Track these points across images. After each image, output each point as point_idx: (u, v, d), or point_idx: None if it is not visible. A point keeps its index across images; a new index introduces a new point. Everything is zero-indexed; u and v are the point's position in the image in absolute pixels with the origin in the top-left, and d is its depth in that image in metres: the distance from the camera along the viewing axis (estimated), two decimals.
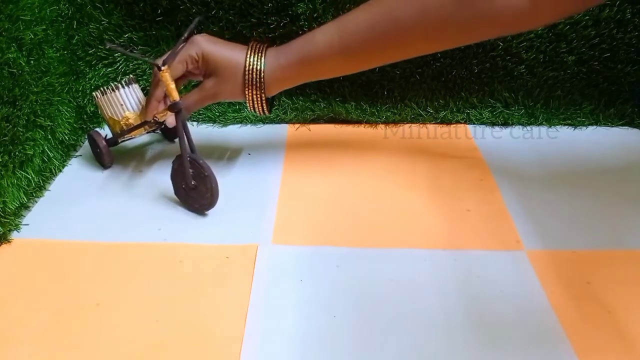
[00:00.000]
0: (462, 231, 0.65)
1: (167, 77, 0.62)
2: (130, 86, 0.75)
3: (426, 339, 0.52)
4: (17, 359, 0.50)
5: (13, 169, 0.67)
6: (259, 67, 0.58)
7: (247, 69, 0.58)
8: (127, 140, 0.77)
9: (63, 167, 0.77)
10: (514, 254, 0.61)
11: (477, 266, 0.60)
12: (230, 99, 0.63)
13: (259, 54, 0.58)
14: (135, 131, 0.73)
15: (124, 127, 0.74)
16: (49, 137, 0.74)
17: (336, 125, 0.87)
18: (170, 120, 0.67)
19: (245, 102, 0.62)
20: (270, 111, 0.64)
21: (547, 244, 0.63)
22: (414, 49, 0.60)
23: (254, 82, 0.58)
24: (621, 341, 0.51)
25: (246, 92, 0.59)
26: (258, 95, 0.59)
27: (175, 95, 0.63)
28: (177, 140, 0.77)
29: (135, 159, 0.79)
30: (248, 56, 0.58)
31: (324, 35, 0.60)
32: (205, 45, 0.61)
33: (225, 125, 0.86)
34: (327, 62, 0.60)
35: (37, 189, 0.71)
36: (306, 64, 0.59)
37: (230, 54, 0.59)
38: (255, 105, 0.61)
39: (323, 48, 0.59)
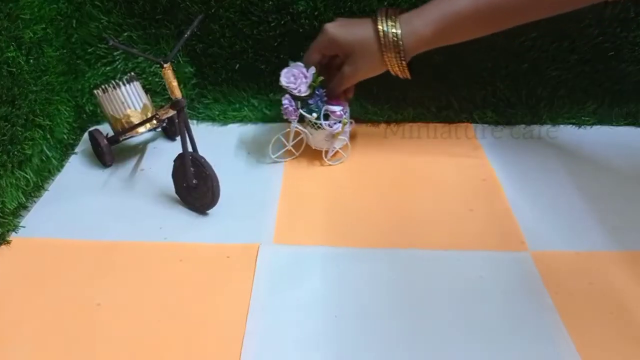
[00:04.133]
0: (465, 231, 0.64)
1: (169, 74, 0.62)
2: (131, 84, 0.75)
3: (428, 338, 0.51)
4: (17, 359, 0.50)
5: (12, 169, 0.66)
6: (394, 31, 0.58)
7: (381, 35, 0.58)
8: (128, 138, 0.77)
9: (62, 167, 0.77)
10: (518, 255, 0.61)
11: (481, 267, 0.59)
12: (371, 73, 0.64)
13: (391, 18, 0.59)
14: (137, 129, 0.73)
15: (125, 124, 0.73)
16: (48, 136, 0.74)
17: None
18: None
19: (390, 70, 0.63)
20: (411, 75, 0.63)
21: (551, 244, 0.62)
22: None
23: (391, 45, 0.58)
24: (624, 342, 0.51)
25: (385, 57, 0.60)
26: (398, 57, 0.59)
27: (178, 93, 0.63)
28: (178, 138, 0.77)
29: (137, 157, 0.79)
30: (380, 23, 0.59)
31: None
32: (333, 30, 0.63)
33: (225, 124, 0.86)
34: (469, 20, 0.58)
35: (35, 188, 0.71)
36: (447, 23, 0.58)
37: (360, 30, 0.60)
38: (397, 68, 0.62)
39: (467, 6, 0.57)
